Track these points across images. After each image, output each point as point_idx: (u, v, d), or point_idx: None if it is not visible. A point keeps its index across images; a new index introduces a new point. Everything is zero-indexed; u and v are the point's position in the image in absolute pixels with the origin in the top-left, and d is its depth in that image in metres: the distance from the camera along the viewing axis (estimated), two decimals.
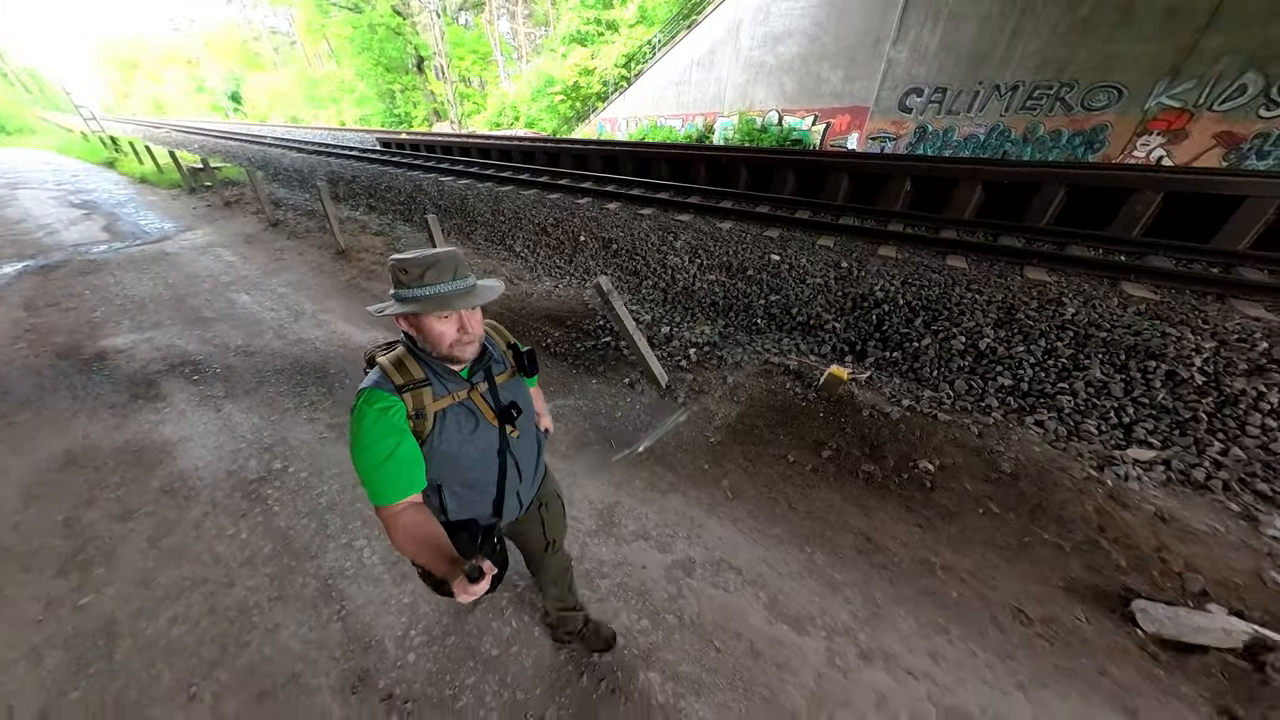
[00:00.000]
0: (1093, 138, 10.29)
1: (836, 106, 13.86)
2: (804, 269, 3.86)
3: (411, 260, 0.85)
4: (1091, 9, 9.46)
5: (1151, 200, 5.23)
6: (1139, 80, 9.43)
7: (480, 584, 0.71)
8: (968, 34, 10.90)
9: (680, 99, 18.47)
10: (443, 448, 0.93)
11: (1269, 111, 8.55)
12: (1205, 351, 2.57)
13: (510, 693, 1.56)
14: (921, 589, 1.85)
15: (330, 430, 2.86)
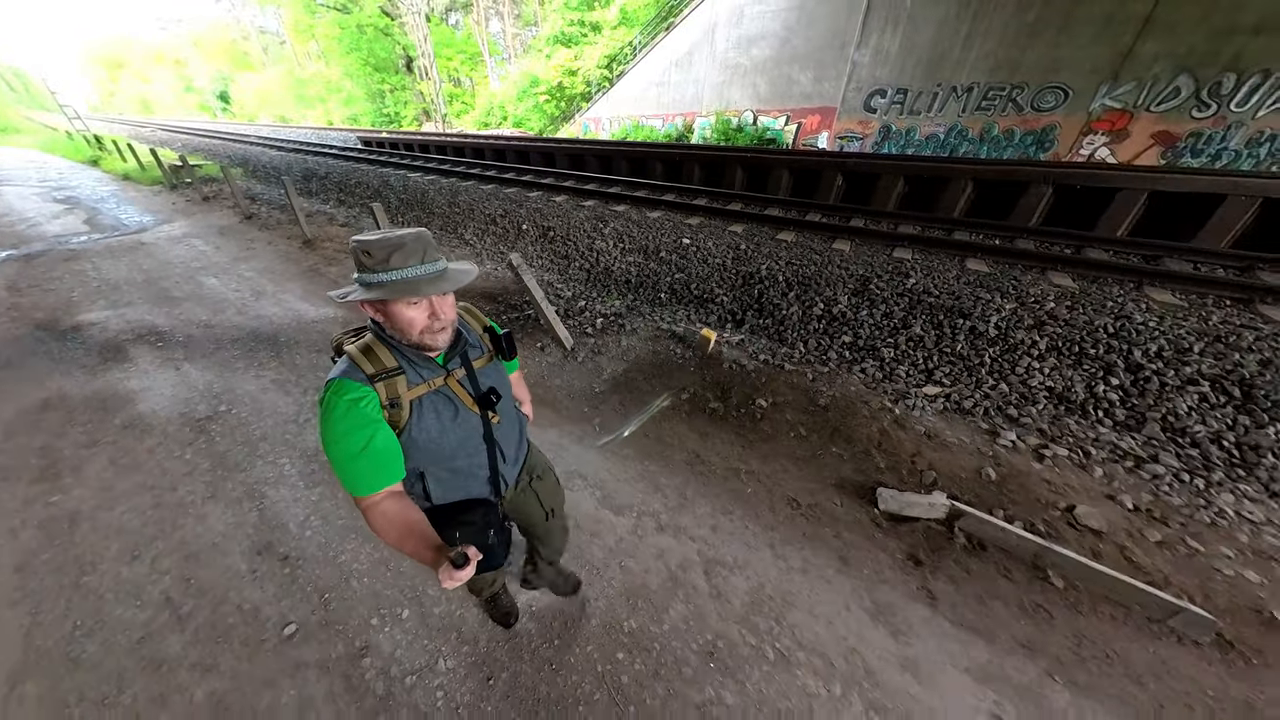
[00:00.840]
0: (1043, 137, 10.94)
1: (807, 107, 14.51)
2: (709, 251, 4.43)
3: (375, 242, 0.79)
4: (1037, 15, 10.12)
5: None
6: (1083, 82, 10.08)
7: (465, 570, 0.71)
8: (926, 37, 11.56)
9: (660, 99, 19.10)
10: (422, 436, 0.91)
11: (1200, 112, 9.21)
12: (1004, 311, 3.12)
13: (378, 550, 2.07)
14: (725, 488, 2.37)
15: (273, 384, 3.38)
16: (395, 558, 2.06)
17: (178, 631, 1.79)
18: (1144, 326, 2.88)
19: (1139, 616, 1.73)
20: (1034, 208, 6.00)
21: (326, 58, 34.83)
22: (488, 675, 1.63)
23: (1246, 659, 1.60)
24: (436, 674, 1.64)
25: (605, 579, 1.94)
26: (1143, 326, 2.88)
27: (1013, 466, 2.31)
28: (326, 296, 4.10)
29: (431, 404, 0.93)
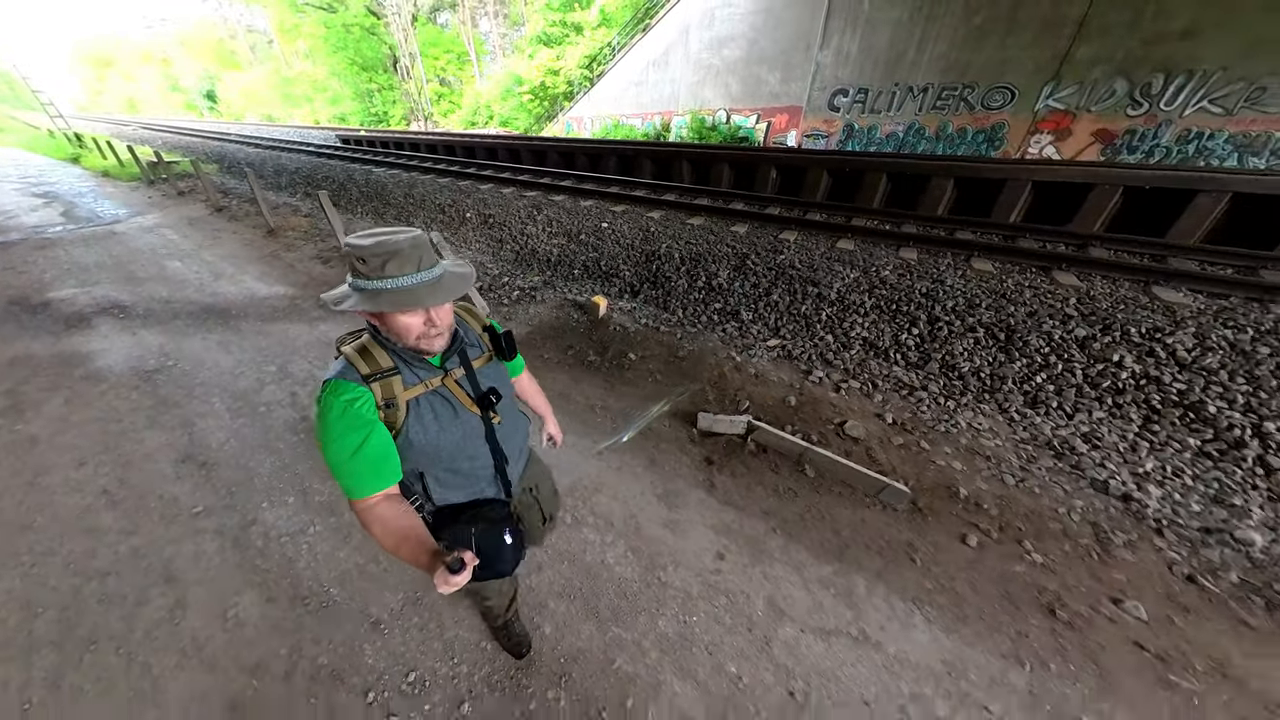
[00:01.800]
0: (993, 135, 11.59)
1: (776, 106, 15.18)
2: (622, 234, 5.01)
3: (370, 248, 0.78)
4: (984, 18, 10.80)
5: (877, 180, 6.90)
6: (1028, 83, 10.75)
7: (461, 575, 0.71)
8: (883, 39, 12.24)
9: (639, 98, 19.76)
10: (418, 437, 0.91)
11: (1134, 111, 9.88)
12: (848, 279, 3.68)
13: (279, 458, 2.60)
14: (579, 418, 2.91)
15: (217, 345, 3.91)
16: (293, 463, 2.59)
17: (110, 511, 2.32)
18: (951, 289, 3.45)
19: (859, 493, 2.27)
20: (874, 192, 6.90)
21: (312, 57, 35.48)
22: (345, 536, 2.16)
23: (924, 518, 2.14)
24: (306, 536, 2.17)
25: None
26: (950, 289, 3.45)
27: (812, 396, 2.86)
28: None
29: (429, 404, 0.92)
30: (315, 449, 2.70)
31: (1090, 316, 2.98)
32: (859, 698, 1.55)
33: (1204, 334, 2.66)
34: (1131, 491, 2.12)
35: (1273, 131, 8.82)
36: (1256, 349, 2.55)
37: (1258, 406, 2.33)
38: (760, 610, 1.81)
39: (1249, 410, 2.34)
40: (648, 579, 1.93)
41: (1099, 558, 1.93)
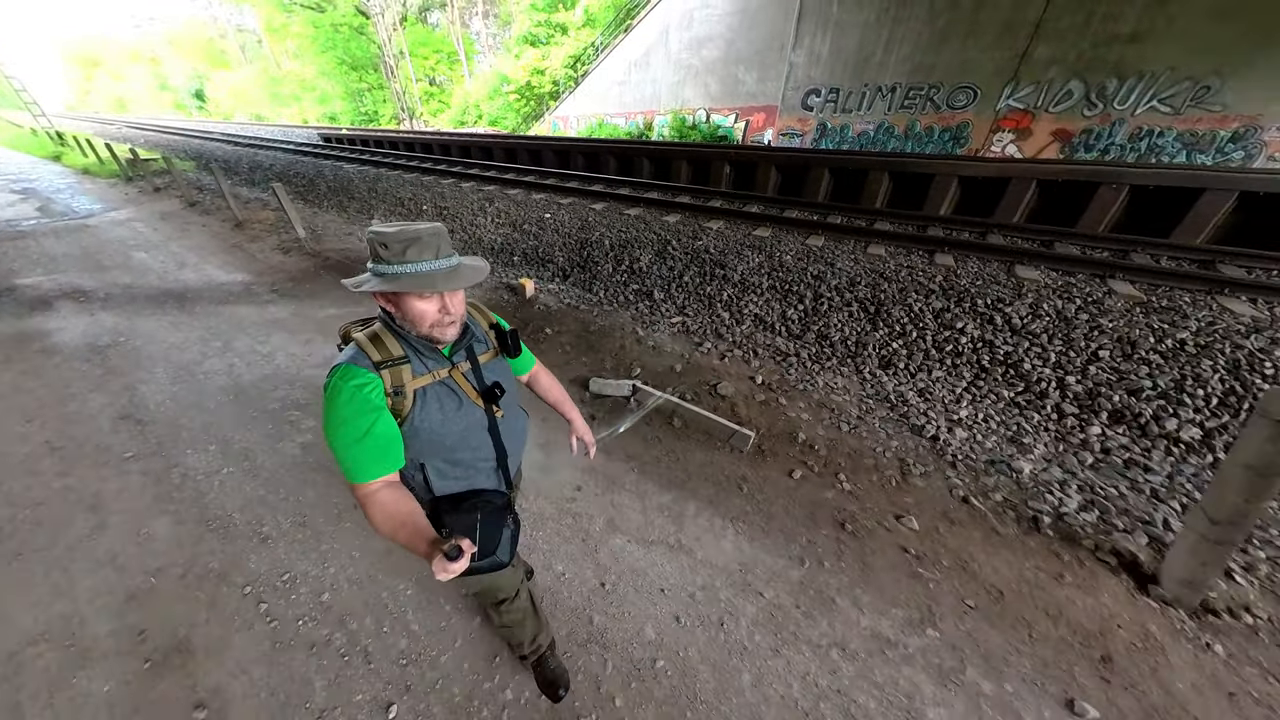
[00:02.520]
0: (959, 133, 12.02)
1: (753, 105, 15.62)
2: (562, 223, 5.37)
3: (392, 235, 0.84)
4: (946, 21, 11.25)
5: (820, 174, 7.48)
6: (989, 83, 11.19)
7: (459, 562, 0.72)
8: (852, 40, 12.68)
9: (622, 98, 20.19)
10: (424, 426, 0.94)
11: (1090, 111, 10.31)
12: (753, 263, 4.04)
13: (209, 416, 2.93)
14: None
15: (170, 325, 4.24)
16: (220, 421, 2.91)
17: (50, 457, 2.64)
18: (839, 270, 3.82)
19: (714, 440, 2.61)
20: (819, 185, 7.55)
21: (300, 56, 35.91)
22: (253, 474, 2.48)
23: (763, 457, 2.48)
24: (219, 476, 2.50)
25: None
26: (838, 270, 3.82)
27: (698, 363, 3.21)
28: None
29: (435, 395, 0.96)
30: (247, 410, 3.03)
31: (949, 291, 3.34)
32: (658, 587, 1.88)
33: (1038, 304, 3.03)
34: (941, 434, 2.47)
35: (1217, 129, 9.26)
36: (1077, 316, 2.90)
37: (1065, 364, 2.68)
38: (599, 527, 2.15)
39: (1058, 367, 2.69)
40: None
41: (897, 485, 2.27)
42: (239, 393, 3.21)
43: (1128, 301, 3.27)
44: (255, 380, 3.35)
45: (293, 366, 3.50)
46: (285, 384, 3.28)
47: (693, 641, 1.69)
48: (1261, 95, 8.75)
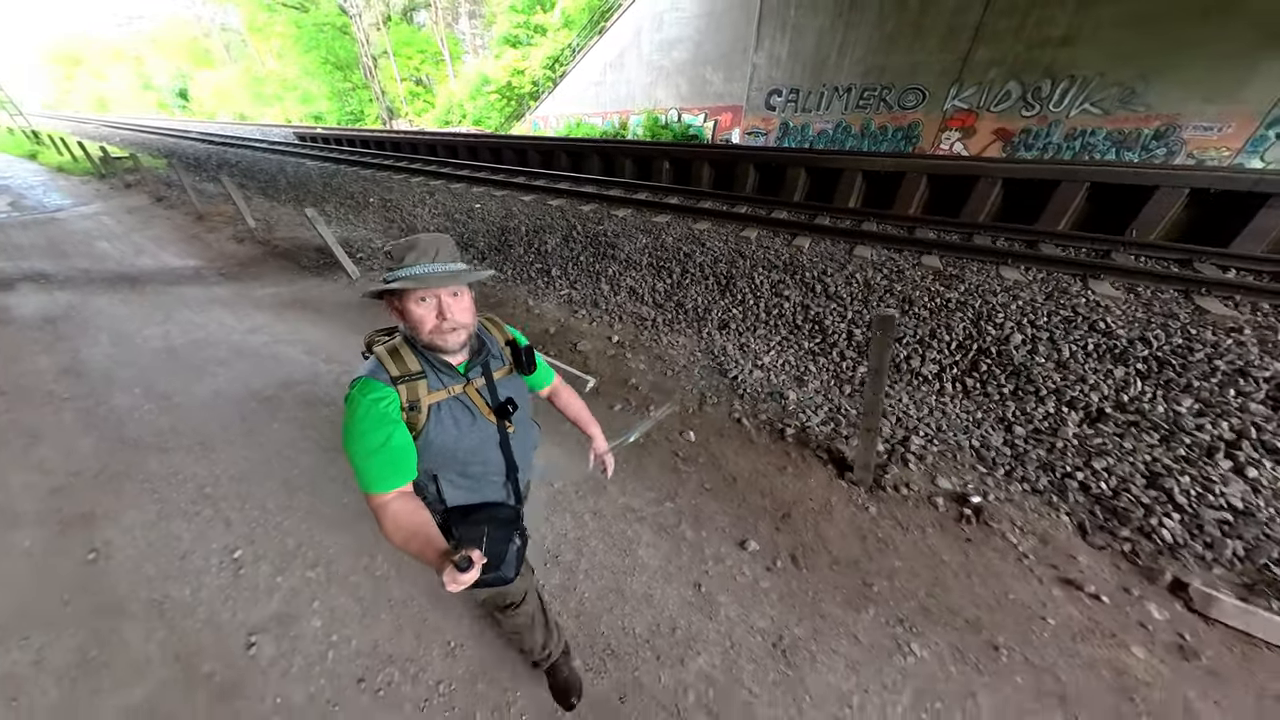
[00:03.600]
0: (910, 132, 12.72)
1: (720, 105, 16.32)
2: (490, 212, 5.97)
3: (396, 244, 0.92)
4: (894, 25, 11.97)
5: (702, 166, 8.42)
6: (936, 84, 11.89)
7: (469, 574, 0.75)
8: (809, 43, 13.40)
9: (599, 98, 20.87)
10: (437, 440, 0.98)
11: (1028, 112, 11.02)
12: (640, 244, 4.63)
13: (143, 375, 3.48)
14: None
15: (120, 301, 4.79)
16: (148, 371, 3.46)
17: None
18: (708, 249, 4.42)
19: None
20: (703, 177, 8.59)
21: (282, 56, 36.58)
22: (166, 410, 3.04)
23: (597, 395, 3.06)
24: (139, 411, 3.06)
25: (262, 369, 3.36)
26: (707, 249, 4.43)
27: (569, 326, 3.80)
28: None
29: (450, 410, 1.00)
30: (175, 365, 3.58)
31: (790, 266, 3.94)
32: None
33: (852, 276, 3.61)
34: (741, 375, 3.04)
35: (1142, 128, 9.96)
36: (880, 284, 3.49)
37: (856, 321, 3.27)
38: None
39: (851, 324, 3.27)
40: None
41: (692, 412, 2.85)
42: (171, 353, 3.77)
43: (927, 272, 3.91)
44: (186, 344, 3.91)
45: (222, 333, 4.06)
46: (212, 346, 3.85)
47: None
48: (1179, 96, 9.45)
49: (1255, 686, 1.52)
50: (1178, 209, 5.25)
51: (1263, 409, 2.30)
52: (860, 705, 1.52)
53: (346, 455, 0.91)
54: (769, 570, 1.95)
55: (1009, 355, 2.83)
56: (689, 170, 8.25)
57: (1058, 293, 3.64)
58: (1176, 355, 2.72)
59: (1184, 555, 1.85)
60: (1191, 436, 2.22)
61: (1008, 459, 2.30)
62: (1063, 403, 2.50)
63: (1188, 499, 2.00)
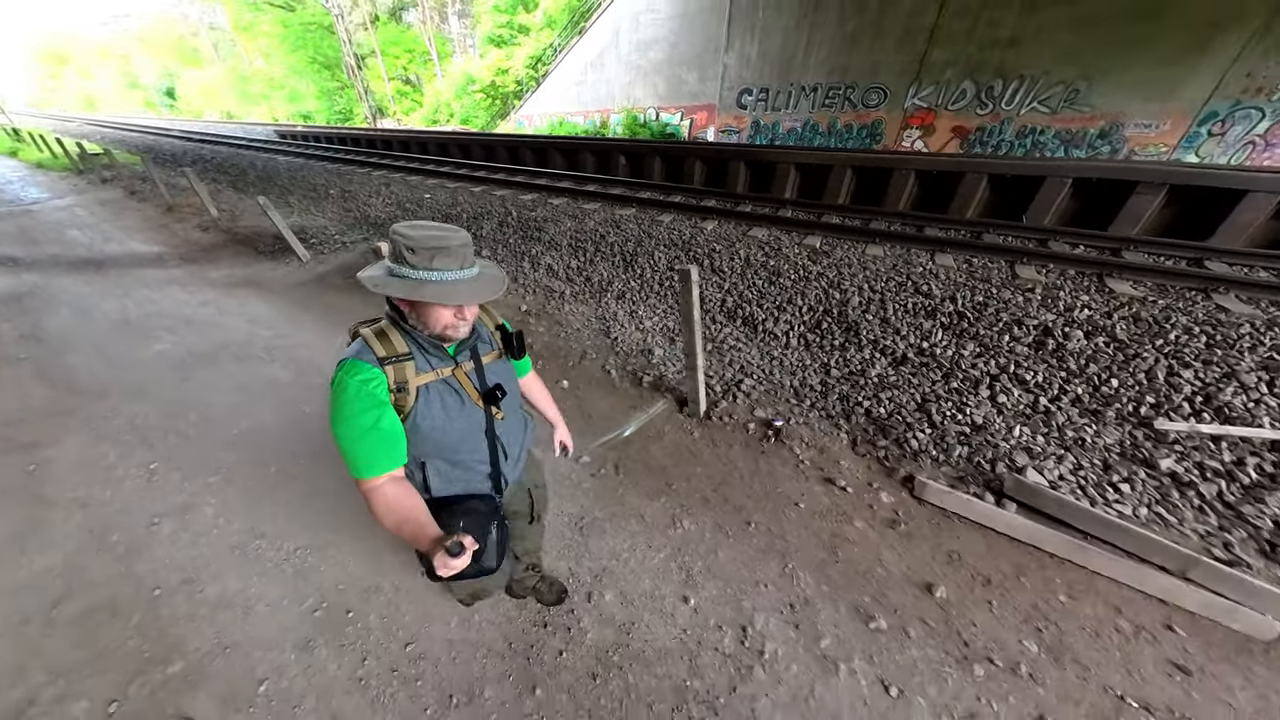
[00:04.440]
0: (874, 130, 13.26)
1: (695, 104, 16.87)
2: (438, 201, 6.46)
3: (420, 240, 0.86)
4: (855, 26, 12.54)
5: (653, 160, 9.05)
6: (896, 84, 12.45)
7: (460, 559, 0.76)
8: (776, 43, 13.96)
9: (580, 97, 21.41)
10: (425, 424, 0.98)
11: (982, 110, 11.57)
12: (563, 227, 5.11)
13: (92, 337, 3.92)
14: (317, 317, 4.24)
15: (84, 281, 5.24)
16: (101, 337, 3.90)
17: None
18: (621, 230, 4.90)
19: None
20: (654, 170, 9.30)
21: (268, 55, 37.09)
22: (110, 364, 3.47)
23: None
24: (89, 366, 3.49)
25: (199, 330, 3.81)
26: (621, 230, 4.91)
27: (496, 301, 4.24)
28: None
29: (438, 392, 1.00)
30: (126, 333, 4.02)
31: (688, 245, 4.42)
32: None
33: (736, 253, 4.08)
34: (621, 336, 3.51)
35: (1088, 127, 10.52)
36: (758, 258, 3.95)
37: (730, 290, 3.74)
38: None
39: (727, 293, 3.75)
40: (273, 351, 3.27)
41: (573, 365, 3.31)
42: (125, 323, 4.21)
43: (804, 250, 4.43)
44: (140, 316, 4.35)
45: (174, 307, 4.51)
46: (163, 317, 4.30)
47: None
48: (1121, 96, 10.01)
49: (935, 543, 1.98)
50: (1065, 197, 5.80)
51: (1025, 349, 2.78)
52: (626, 559, 1.98)
53: (335, 438, 0.90)
54: (593, 476, 2.41)
55: (846, 315, 3.30)
56: (642, 165, 8.77)
57: (903, 264, 4.20)
58: (974, 310, 3.23)
59: (923, 459, 2.32)
60: (965, 373, 2.68)
61: (816, 394, 2.76)
62: (876, 350, 2.97)
63: (942, 418, 2.46)
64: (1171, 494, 2.01)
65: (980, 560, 1.90)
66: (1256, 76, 8.76)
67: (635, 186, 7.50)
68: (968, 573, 1.86)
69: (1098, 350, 2.74)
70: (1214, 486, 2.02)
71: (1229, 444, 2.13)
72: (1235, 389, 2.35)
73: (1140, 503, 1.99)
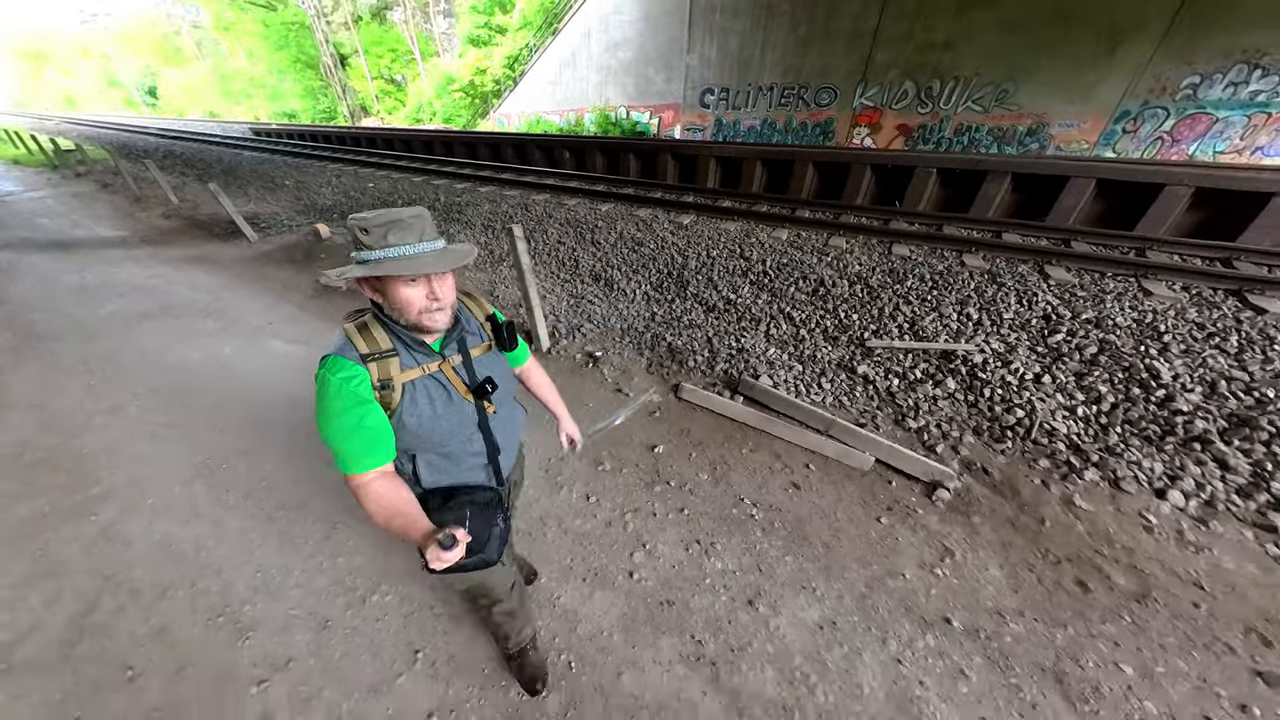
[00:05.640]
0: (826, 128, 14.13)
1: (663, 103, 17.73)
2: (380, 190, 7.20)
3: (371, 219, 0.86)
4: (806, 29, 13.42)
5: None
6: (845, 84, 13.32)
7: (453, 551, 0.77)
8: (734, 45, 14.84)
9: (555, 96, 22.25)
10: (412, 421, 0.98)
11: (922, 109, 12.43)
12: (485, 209, 5.85)
13: (70, 295, 4.63)
14: (262, 287, 4.96)
15: (50, 259, 5.94)
16: (62, 300, 4.59)
17: None
18: (530, 212, 5.64)
19: None
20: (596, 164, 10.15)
21: (252, 54, 37.87)
22: (74, 323, 4.17)
23: None
24: (49, 322, 4.18)
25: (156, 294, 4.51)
26: (531, 212, 5.65)
27: None
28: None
29: (424, 388, 1.00)
30: (84, 298, 4.71)
31: (579, 224, 5.16)
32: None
33: (615, 228, 4.82)
34: (504, 295, 4.23)
35: (1016, 124, 11.38)
36: (630, 233, 4.70)
37: (604, 259, 4.48)
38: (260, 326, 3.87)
39: (597, 260, 4.50)
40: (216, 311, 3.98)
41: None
42: (83, 289, 4.92)
43: (674, 226, 5.22)
44: (97, 284, 5.05)
45: (128, 278, 5.22)
46: (117, 285, 5.02)
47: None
48: (1045, 96, 10.89)
49: (675, 424, 2.72)
50: (932, 186, 6.64)
51: (803, 297, 3.52)
52: None
53: (321, 436, 0.92)
54: None
55: (684, 276, 4.06)
56: (583, 158, 9.58)
57: (745, 237, 5.00)
58: (776, 270, 3.99)
59: (694, 374, 3.06)
60: (754, 315, 3.42)
61: (638, 334, 3.51)
62: (696, 301, 3.72)
63: (720, 347, 3.20)
64: (856, 388, 2.76)
65: (702, 432, 2.64)
66: (1161, 79, 9.65)
67: (550, 175, 8.37)
68: (688, 440, 2.59)
69: (853, 295, 3.51)
70: (889, 382, 2.76)
71: (910, 354, 2.86)
72: (934, 318, 3.10)
73: (831, 394, 2.73)
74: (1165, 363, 2.66)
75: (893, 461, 2.29)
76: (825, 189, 7.34)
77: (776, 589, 1.82)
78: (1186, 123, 9.75)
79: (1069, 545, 1.93)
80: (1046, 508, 2.06)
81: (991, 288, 3.71)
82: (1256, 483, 2.01)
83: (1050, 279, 3.80)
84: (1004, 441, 2.34)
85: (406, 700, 1.51)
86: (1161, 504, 2.00)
